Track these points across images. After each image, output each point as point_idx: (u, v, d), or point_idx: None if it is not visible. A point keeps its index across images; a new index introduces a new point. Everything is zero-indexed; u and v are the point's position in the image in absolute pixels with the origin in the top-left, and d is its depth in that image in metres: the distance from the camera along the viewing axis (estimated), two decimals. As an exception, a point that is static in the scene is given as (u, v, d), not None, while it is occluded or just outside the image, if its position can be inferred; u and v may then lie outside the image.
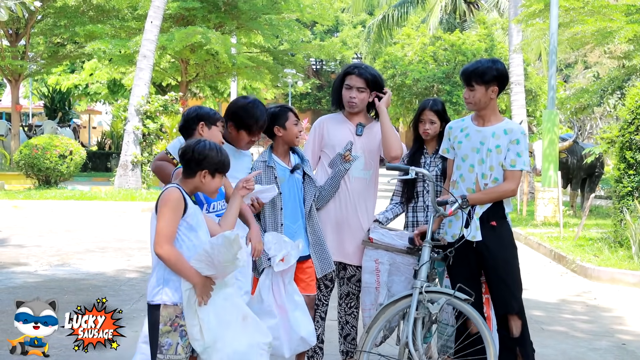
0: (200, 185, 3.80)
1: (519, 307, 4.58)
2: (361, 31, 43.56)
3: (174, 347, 3.67)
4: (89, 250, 10.91)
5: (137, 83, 20.83)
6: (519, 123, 18.38)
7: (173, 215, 3.66)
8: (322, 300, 5.14)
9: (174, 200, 3.68)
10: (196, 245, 3.73)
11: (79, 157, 21.21)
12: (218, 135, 4.24)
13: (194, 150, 3.76)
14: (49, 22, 27.32)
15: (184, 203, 3.70)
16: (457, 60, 26.04)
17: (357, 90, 5.00)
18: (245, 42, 29.04)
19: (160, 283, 3.68)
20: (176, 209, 3.67)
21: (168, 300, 3.67)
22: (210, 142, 3.84)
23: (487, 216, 4.55)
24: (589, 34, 14.78)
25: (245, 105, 4.59)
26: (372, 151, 5.10)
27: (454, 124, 4.79)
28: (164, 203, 3.68)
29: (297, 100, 48.61)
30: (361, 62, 5.28)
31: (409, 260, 4.83)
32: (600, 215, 15.87)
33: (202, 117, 4.21)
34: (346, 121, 5.12)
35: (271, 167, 4.86)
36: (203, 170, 3.77)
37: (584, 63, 32.81)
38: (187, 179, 3.80)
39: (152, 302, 3.70)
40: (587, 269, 9.53)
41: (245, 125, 4.56)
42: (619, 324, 7.14)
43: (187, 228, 3.72)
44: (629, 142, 10.28)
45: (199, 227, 3.79)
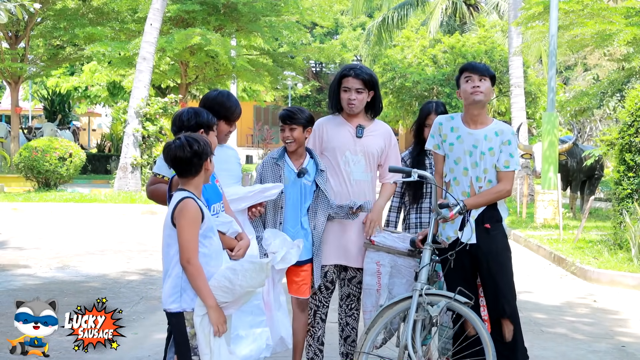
0: (207, 174, 3.82)
1: (512, 311, 4.58)
2: (361, 34, 43.62)
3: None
4: (89, 252, 10.90)
5: (137, 85, 20.84)
6: (518, 125, 18.46)
7: (194, 229, 3.66)
8: (322, 302, 5.14)
9: (193, 212, 3.66)
10: (211, 252, 3.74)
11: (78, 159, 21.22)
12: (214, 140, 4.23)
13: (191, 147, 3.72)
14: (48, 24, 27.36)
15: (200, 213, 3.69)
16: (457, 63, 26.08)
17: (356, 91, 4.98)
18: (245, 45, 29.07)
19: (178, 291, 3.67)
20: (196, 221, 3.66)
21: (188, 307, 3.66)
22: (190, 134, 3.82)
23: (481, 219, 4.56)
24: (589, 36, 14.80)
25: (218, 97, 4.59)
26: (373, 153, 5.09)
27: (443, 120, 4.77)
28: (184, 216, 3.65)
29: (296, 102, 48.62)
30: (356, 63, 5.25)
31: (410, 263, 4.83)
32: (599, 217, 15.87)
33: (201, 124, 4.17)
34: (345, 123, 5.11)
35: (278, 165, 4.91)
36: (207, 159, 3.78)
37: (583, 65, 32.82)
38: (194, 177, 3.77)
39: (170, 310, 3.69)
40: (587, 271, 9.53)
41: (223, 116, 4.55)
42: (619, 326, 7.14)
43: (202, 236, 3.71)
44: (628, 144, 10.29)
45: (214, 233, 3.80)
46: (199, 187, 3.80)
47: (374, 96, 5.07)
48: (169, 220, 3.70)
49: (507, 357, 4.54)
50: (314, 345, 5.19)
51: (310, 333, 5.18)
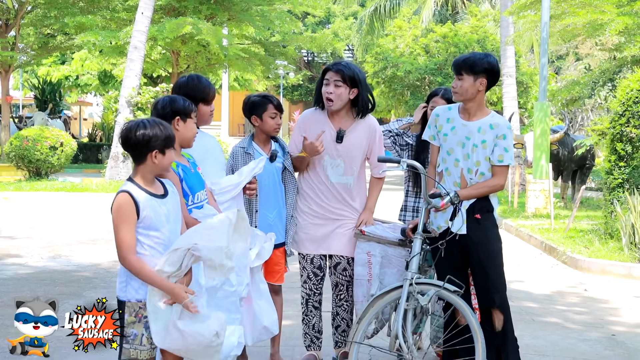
0: (155, 167, 3.68)
1: (502, 301, 4.58)
2: (353, 23, 43.52)
3: (139, 338, 3.68)
4: (80, 241, 10.89)
5: (128, 74, 20.77)
6: (510, 115, 18.47)
7: (127, 225, 3.58)
8: (312, 290, 5.16)
9: (123, 209, 3.59)
10: (162, 240, 3.68)
11: (69, 148, 21.15)
12: (193, 127, 4.13)
13: (135, 132, 3.62)
14: (39, 13, 27.22)
15: (134, 207, 3.60)
16: (449, 52, 26.04)
17: (334, 84, 4.90)
18: (237, 34, 28.97)
19: (124, 280, 3.70)
20: (128, 217, 3.58)
21: (132, 298, 3.68)
22: (149, 119, 3.70)
23: (472, 209, 4.55)
24: (580, 25, 14.78)
25: (190, 82, 4.56)
26: (354, 157, 5.05)
27: (440, 111, 4.75)
28: (116, 214, 3.60)
29: (288, 92, 48.60)
30: (344, 60, 5.21)
31: (401, 252, 4.84)
32: (590, 207, 15.92)
33: (177, 111, 4.07)
34: (327, 122, 5.04)
35: (249, 154, 4.95)
36: (153, 151, 3.66)
37: (575, 55, 32.84)
38: (140, 166, 3.69)
39: (119, 297, 3.73)
40: (578, 260, 9.56)
41: (200, 99, 4.53)
42: (609, 315, 7.17)
43: (145, 228, 3.65)
44: (619, 134, 10.31)
45: (161, 224, 3.68)
46: (146, 177, 3.69)
47: (358, 94, 4.96)
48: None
49: (497, 347, 4.55)
50: (310, 333, 5.21)
51: (305, 321, 5.21)
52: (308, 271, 5.15)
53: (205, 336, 3.64)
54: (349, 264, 5.09)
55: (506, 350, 4.59)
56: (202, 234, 3.65)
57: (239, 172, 4.63)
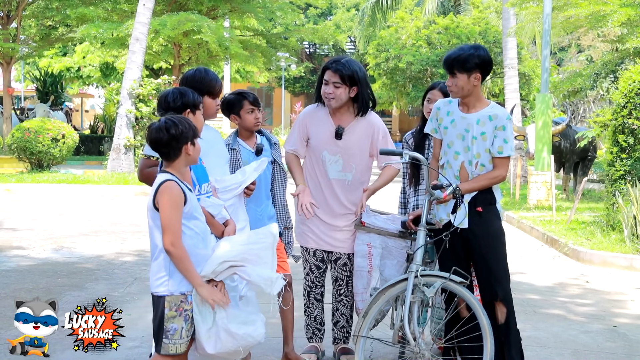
0: (188, 158, 3.78)
1: (505, 294, 4.56)
2: (355, 14, 43.35)
3: (179, 332, 3.69)
4: (83, 233, 10.90)
5: (130, 66, 20.74)
6: (512, 107, 18.45)
7: (177, 211, 3.64)
8: (314, 282, 5.18)
9: (175, 195, 3.64)
10: (199, 233, 3.73)
11: (71, 140, 21.16)
12: (201, 119, 4.22)
13: (169, 130, 3.70)
14: (40, 4, 27.17)
15: (184, 195, 3.67)
16: (451, 44, 26.00)
17: (333, 85, 4.90)
18: (239, 26, 28.91)
19: (165, 274, 3.68)
20: (179, 204, 3.64)
21: (175, 291, 3.68)
22: (172, 116, 3.78)
23: (474, 202, 4.54)
24: (583, 17, 14.75)
25: (197, 75, 4.58)
26: (353, 154, 5.05)
27: (441, 104, 4.73)
28: (166, 198, 3.63)
29: (290, 84, 48.49)
30: (344, 56, 5.17)
31: (401, 244, 4.83)
32: (592, 198, 15.91)
33: (187, 104, 4.14)
34: (328, 119, 5.05)
35: (234, 150, 4.94)
36: (187, 143, 3.74)
37: (577, 47, 32.79)
38: (175, 160, 3.75)
39: (157, 293, 3.70)
40: (580, 252, 9.57)
41: (206, 92, 4.54)
42: (611, 307, 7.18)
43: (187, 218, 3.69)
44: (621, 125, 10.30)
45: (200, 214, 3.78)
46: (180, 171, 3.77)
47: (358, 92, 4.96)
48: (151, 203, 3.69)
49: (499, 339, 4.55)
50: (312, 325, 5.23)
51: (307, 313, 5.24)
52: (310, 264, 5.18)
53: (255, 338, 3.82)
54: (349, 259, 5.10)
55: (509, 342, 4.57)
56: (249, 249, 3.77)
57: (241, 171, 4.61)
